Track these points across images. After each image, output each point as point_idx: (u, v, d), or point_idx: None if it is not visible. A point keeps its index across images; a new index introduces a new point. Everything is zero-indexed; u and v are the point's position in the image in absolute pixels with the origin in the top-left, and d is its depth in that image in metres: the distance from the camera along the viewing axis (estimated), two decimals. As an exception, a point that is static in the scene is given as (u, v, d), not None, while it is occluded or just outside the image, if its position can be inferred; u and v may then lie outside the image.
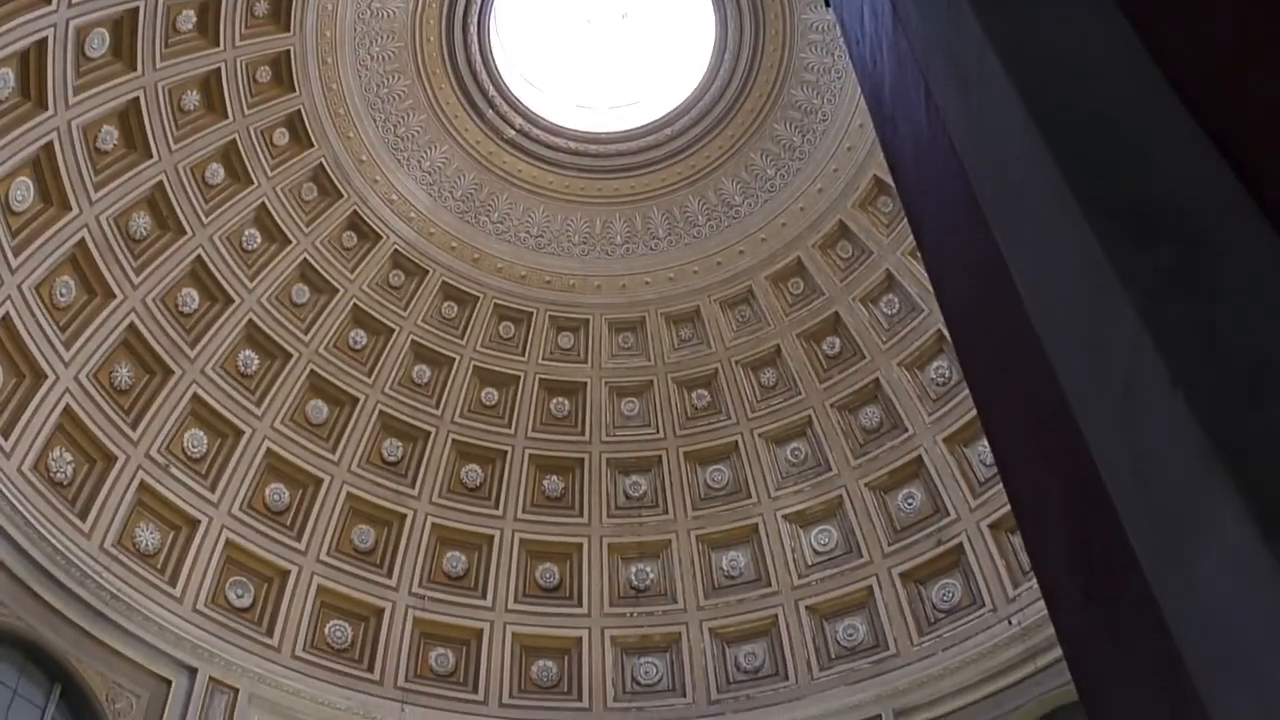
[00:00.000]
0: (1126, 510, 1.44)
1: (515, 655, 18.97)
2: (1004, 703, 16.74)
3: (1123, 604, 1.59)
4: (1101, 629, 1.78)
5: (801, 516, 19.61)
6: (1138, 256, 1.39)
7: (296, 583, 18.04)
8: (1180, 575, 1.31)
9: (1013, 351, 1.91)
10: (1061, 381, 1.61)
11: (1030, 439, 1.91)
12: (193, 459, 17.63)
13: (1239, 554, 1.18)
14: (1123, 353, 1.37)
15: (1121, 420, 1.40)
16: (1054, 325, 1.63)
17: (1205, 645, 1.33)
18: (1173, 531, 1.32)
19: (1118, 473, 1.45)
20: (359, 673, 18.00)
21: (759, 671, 18.79)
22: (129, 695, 15.64)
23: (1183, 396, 1.26)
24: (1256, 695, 1.26)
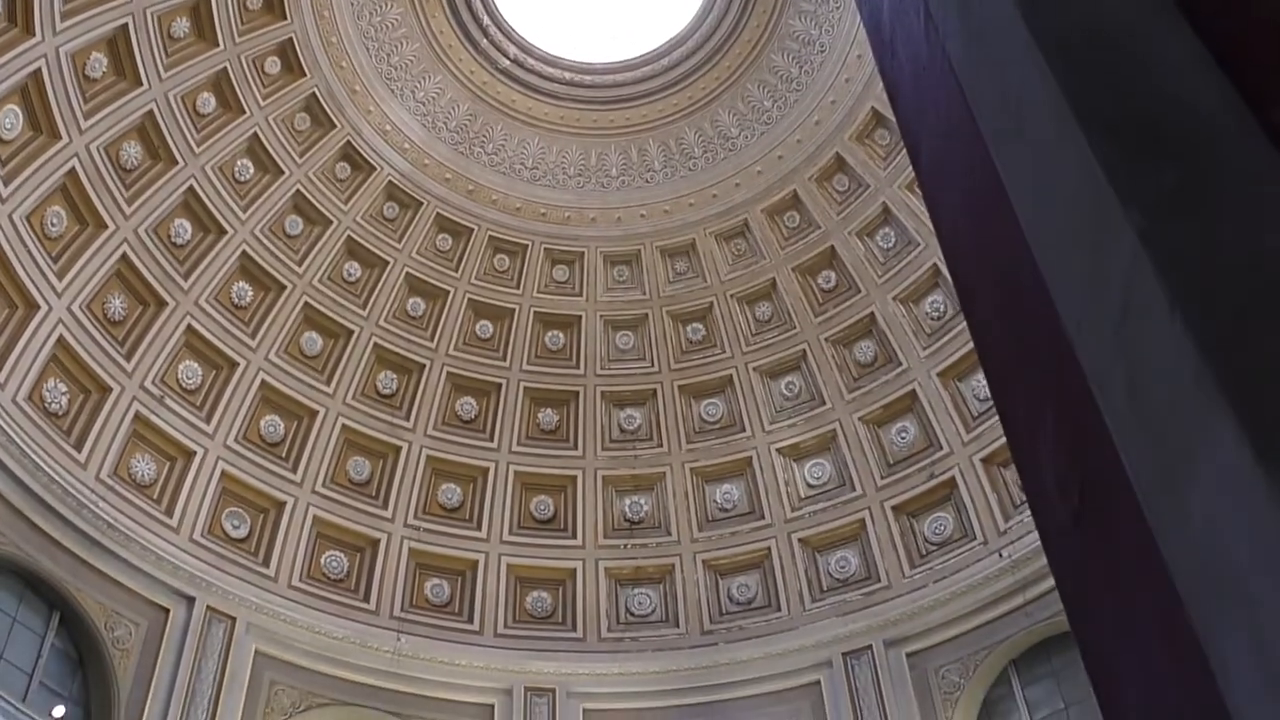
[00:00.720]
0: (1121, 435, 1.43)
1: (510, 586, 19.15)
2: (994, 634, 16.96)
3: (1114, 529, 1.58)
4: (1093, 555, 1.78)
5: (795, 450, 19.71)
6: (1138, 177, 1.36)
7: (292, 514, 18.15)
8: (1174, 500, 1.30)
9: (1009, 277, 1.89)
10: (1058, 306, 1.59)
11: (1026, 365, 1.89)
12: (187, 390, 17.64)
13: (1235, 478, 1.17)
14: (1120, 275, 1.35)
15: (1118, 343, 1.38)
16: (1051, 249, 1.61)
17: (1198, 570, 1.33)
18: (1168, 456, 1.31)
19: (1113, 397, 1.43)
20: (355, 603, 18.17)
21: (751, 603, 18.99)
22: (128, 623, 15.79)
23: (1181, 319, 1.24)
24: (1247, 619, 1.25)
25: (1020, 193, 1.69)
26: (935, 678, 17.20)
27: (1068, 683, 16.28)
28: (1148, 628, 1.50)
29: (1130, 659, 1.61)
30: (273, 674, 16.97)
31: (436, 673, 17.94)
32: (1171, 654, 1.41)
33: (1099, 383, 1.45)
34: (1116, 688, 1.73)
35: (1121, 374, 1.37)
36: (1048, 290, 1.60)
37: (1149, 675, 1.54)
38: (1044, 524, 2.11)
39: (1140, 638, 1.55)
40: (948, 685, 17.06)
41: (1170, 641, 1.42)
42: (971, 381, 18.35)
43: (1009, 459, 17.20)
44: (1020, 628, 16.69)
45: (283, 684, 16.99)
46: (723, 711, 18.17)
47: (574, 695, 18.24)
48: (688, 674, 18.38)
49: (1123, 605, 1.63)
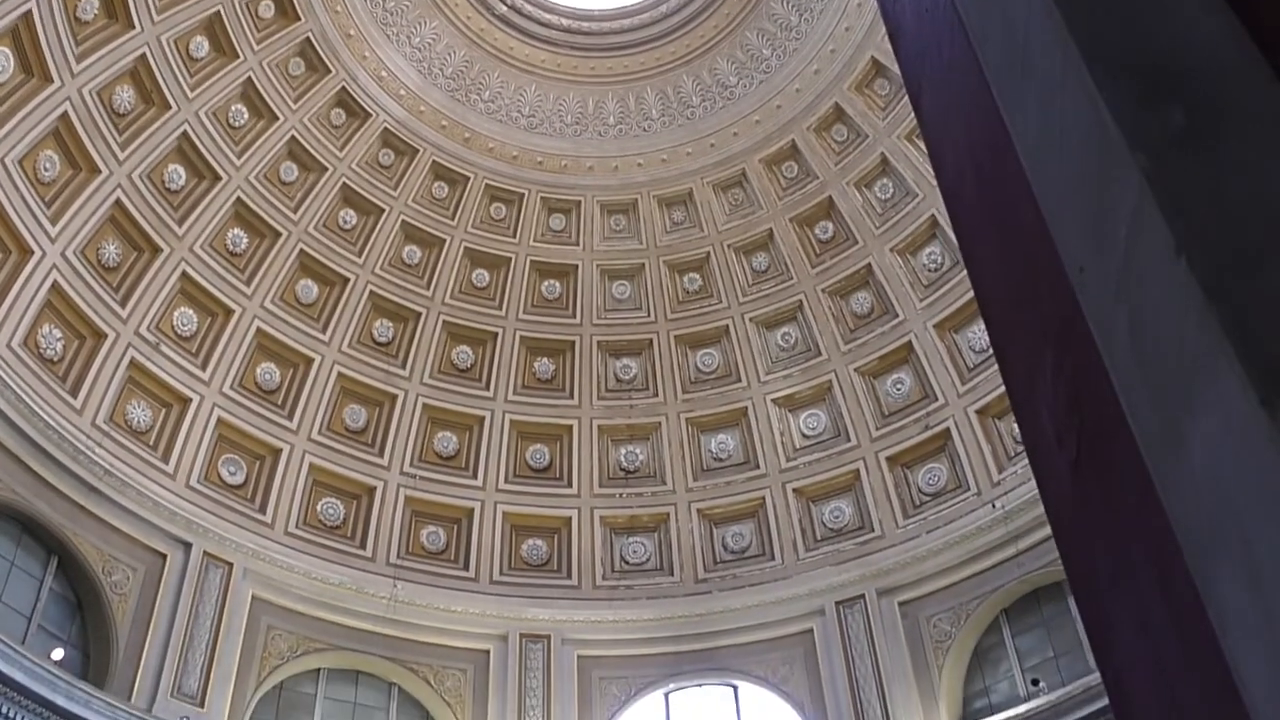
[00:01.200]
0: (1122, 380, 1.42)
1: (505, 534, 19.25)
2: (985, 583, 17.09)
3: (1113, 476, 1.58)
4: (1090, 502, 1.78)
5: (790, 400, 19.74)
6: (1146, 118, 1.34)
7: (288, 461, 18.19)
8: (1174, 444, 1.30)
9: (1010, 222, 1.87)
10: (1060, 250, 1.58)
11: (1025, 311, 1.88)
12: (183, 337, 17.61)
13: (1237, 421, 1.16)
14: (1125, 217, 1.34)
15: (1121, 286, 1.37)
16: (1055, 191, 1.59)
17: (1196, 515, 1.32)
18: (1169, 400, 1.30)
19: (1114, 341, 1.42)
20: (351, 549, 18.26)
21: (746, 551, 19.11)
22: (125, 568, 15.87)
23: (1185, 261, 1.23)
24: (1245, 560, 1.25)
25: (1024, 134, 1.67)
26: (927, 626, 17.35)
27: (1058, 632, 16.44)
28: (1143, 571, 1.50)
29: (1125, 603, 1.61)
30: (269, 619, 17.09)
31: (432, 619, 18.07)
32: (1167, 596, 1.41)
33: (1100, 327, 1.44)
34: (1110, 632, 1.74)
35: (1124, 317, 1.36)
36: (1050, 234, 1.59)
37: (1143, 618, 1.54)
38: (1041, 472, 2.11)
39: (1135, 581, 1.55)
40: (939, 634, 17.22)
41: (1166, 584, 1.42)
42: (968, 333, 18.36)
43: (1004, 411, 17.32)
44: (1012, 578, 16.82)
45: (279, 629, 17.12)
46: (716, 658, 18.34)
47: (569, 642, 18.40)
48: (682, 621, 18.53)
49: (1119, 550, 1.63)
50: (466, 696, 17.75)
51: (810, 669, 17.78)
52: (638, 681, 18.39)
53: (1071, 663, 15.86)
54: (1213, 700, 1.32)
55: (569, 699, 17.88)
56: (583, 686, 18.16)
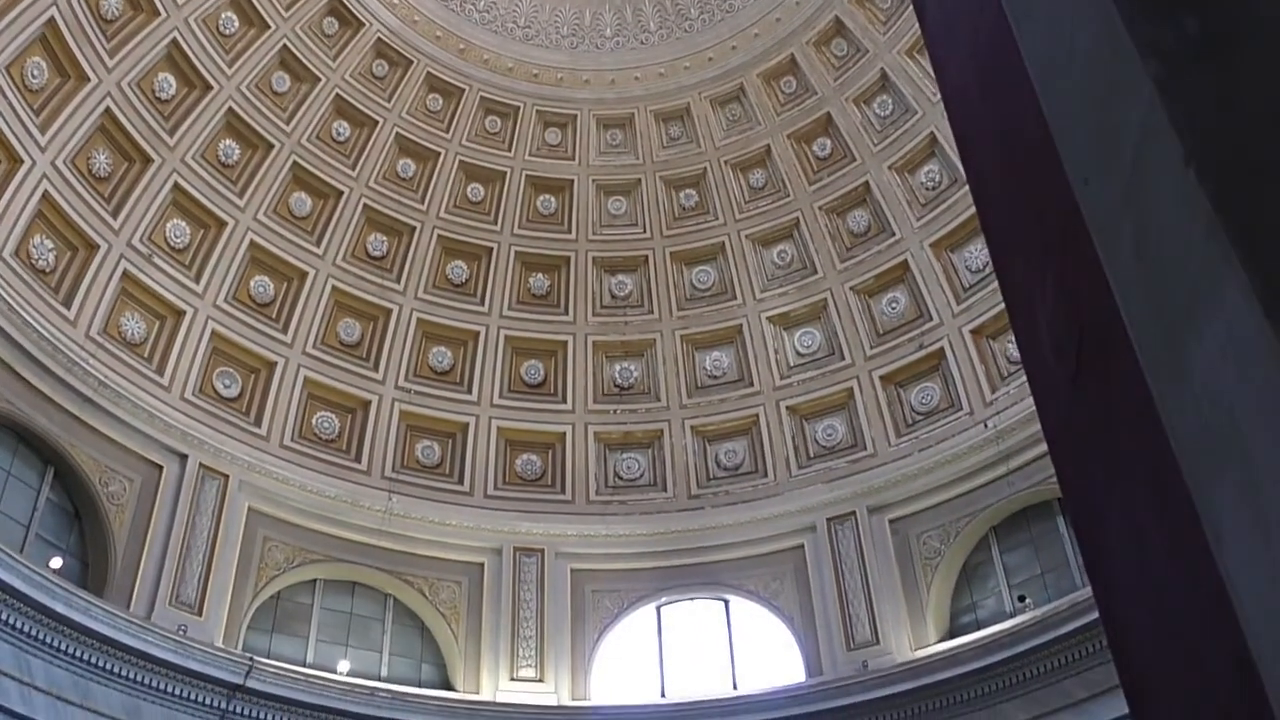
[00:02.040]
0: (1124, 293, 1.41)
1: (500, 449, 19.35)
2: (975, 502, 17.26)
3: (1111, 389, 1.57)
4: (1087, 416, 1.77)
5: (785, 318, 19.74)
6: (1159, 27, 1.31)
7: (283, 374, 18.21)
8: (1176, 357, 1.29)
9: (1014, 133, 1.84)
10: (1065, 162, 1.56)
11: (1027, 225, 1.86)
12: (176, 249, 17.51)
13: (1240, 335, 1.15)
14: (1135, 128, 1.32)
15: (1127, 198, 1.35)
16: (1062, 101, 1.57)
17: (1195, 430, 1.32)
18: (1172, 313, 1.29)
19: (1118, 254, 1.41)
20: (346, 463, 18.36)
21: (739, 468, 19.24)
22: (122, 479, 15.96)
23: (1195, 172, 1.21)
24: (1243, 478, 1.25)
25: (1032, 43, 1.64)
26: (917, 543, 17.56)
27: (1045, 550, 16.65)
28: (1140, 487, 1.50)
29: (1119, 518, 1.62)
30: (266, 531, 17.24)
31: (427, 532, 18.24)
32: (1162, 512, 1.41)
33: (1104, 240, 1.42)
34: (1103, 549, 1.75)
35: (1129, 230, 1.34)
36: (1054, 145, 1.56)
37: (1138, 534, 1.55)
38: (1039, 388, 2.11)
39: (1131, 497, 1.56)
40: (928, 551, 17.43)
41: (1162, 500, 1.42)
42: (964, 253, 18.31)
43: (998, 331, 17.32)
44: (1001, 496, 16.99)
45: (276, 540, 17.28)
46: (708, 573, 18.57)
47: (562, 555, 18.61)
48: (674, 536, 18.73)
49: (1115, 466, 1.63)
50: (461, 608, 17.98)
51: (800, 584, 18.01)
52: (630, 595, 18.64)
53: (1058, 579, 16.09)
54: (1205, 615, 1.33)
55: (562, 612, 18.13)
56: (576, 600, 18.40)
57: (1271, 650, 1.16)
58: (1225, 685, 1.30)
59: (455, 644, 17.69)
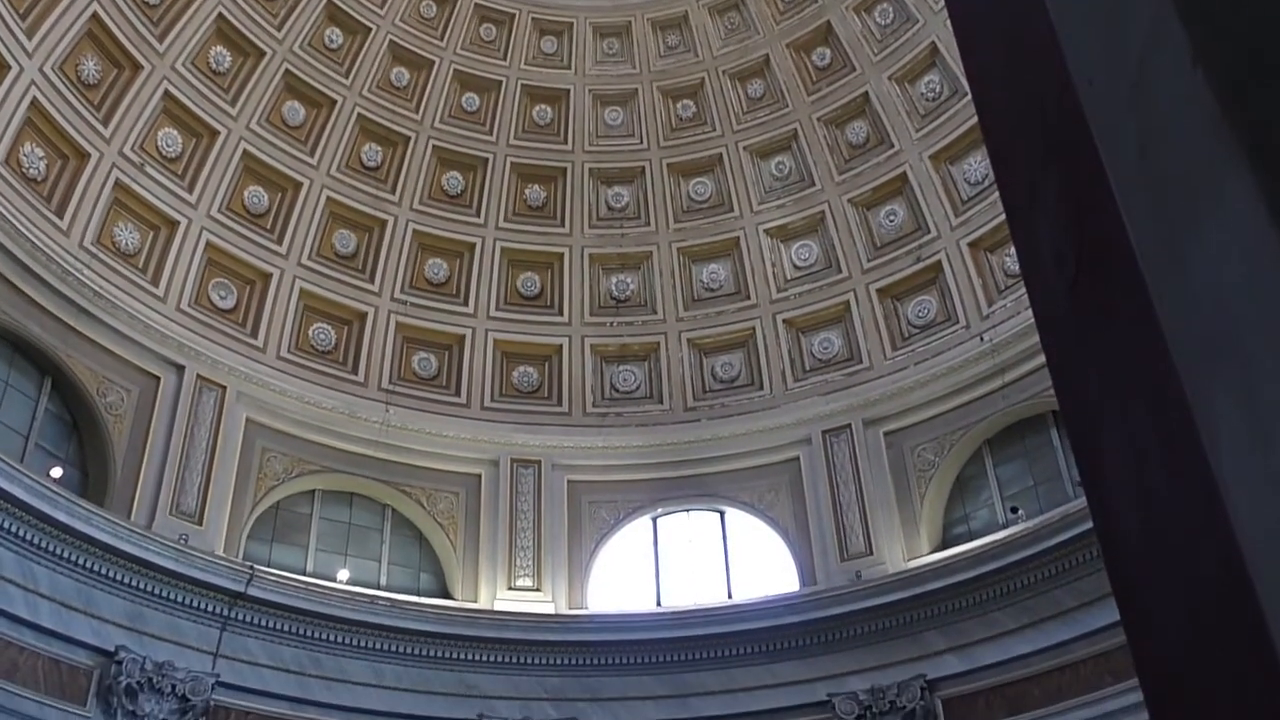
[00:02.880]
0: (1126, 195, 1.39)
1: (496, 361, 19.38)
2: (970, 414, 17.35)
3: (1111, 297, 1.56)
4: (1085, 326, 1.76)
5: (783, 231, 19.64)
6: (1169, -82, 1.27)
7: (279, 286, 18.15)
8: (1178, 260, 1.27)
9: (1018, 34, 1.80)
10: (1069, 62, 1.52)
11: (1028, 129, 1.83)
12: (168, 158, 17.33)
13: (1244, 236, 1.13)
14: (1143, 25, 1.28)
15: (1131, 99, 1.33)
16: (1069, 3, 1.53)
17: (1195, 335, 1.31)
18: (1175, 216, 1.27)
19: (1121, 156, 1.38)
20: (344, 374, 18.40)
21: (735, 381, 19.30)
22: (119, 390, 16.00)
23: (1203, 71, 1.18)
24: (1241, 381, 1.24)
25: (1038, -60, 1.60)
26: (911, 456, 17.68)
27: (1038, 462, 16.78)
28: (1137, 395, 1.50)
29: (1115, 427, 1.62)
30: (264, 441, 17.33)
31: (424, 443, 18.34)
32: (1159, 420, 1.41)
33: (1107, 141, 1.40)
34: (1099, 457, 1.75)
35: (1133, 131, 1.32)
36: (1059, 45, 1.53)
37: (1134, 442, 1.54)
38: (1037, 295, 2.10)
39: (1128, 405, 1.55)
40: (923, 463, 17.56)
41: (1158, 408, 1.42)
42: (964, 165, 18.17)
43: (996, 244, 17.27)
44: (996, 409, 17.07)
45: (274, 451, 17.38)
46: (704, 484, 18.73)
47: (559, 467, 18.73)
48: (671, 448, 18.84)
49: (1113, 373, 1.62)
50: (459, 519, 18.16)
51: (795, 496, 18.17)
52: (626, 506, 18.80)
53: (1050, 491, 16.25)
54: (1198, 519, 1.33)
55: (559, 522, 18.30)
56: (573, 510, 18.57)
57: (1262, 553, 1.16)
58: (1214, 588, 1.30)
59: (453, 554, 17.89)
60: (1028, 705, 14.89)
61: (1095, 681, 14.04)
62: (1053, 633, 14.88)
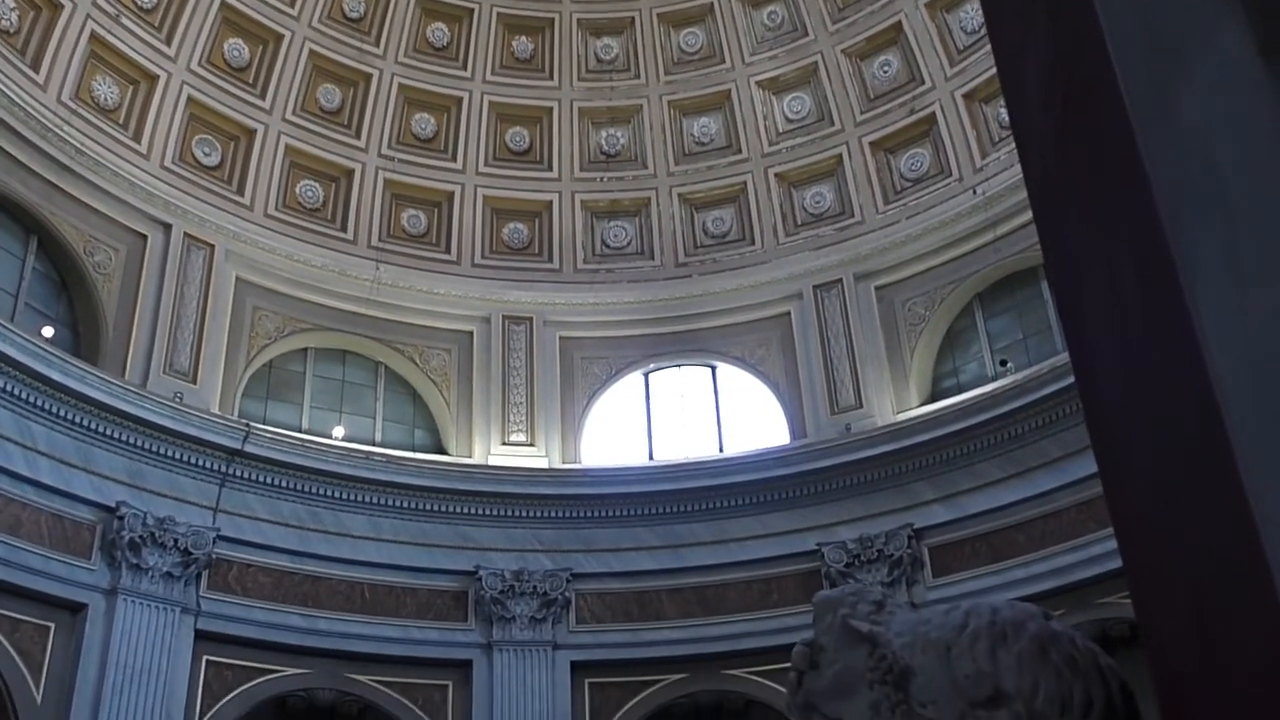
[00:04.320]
0: (1115, 35, 1.36)
1: (486, 217, 19.24)
2: (961, 268, 17.35)
3: (1096, 138, 1.54)
4: (1070, 168, 1.74)
5: (775, 83, 19.28)
6: None
7: (263, 142, 17.88)
8: (1164, 99, 1.25)
9: None
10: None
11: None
12: (143, 9, 16.84)
13: (1232, 71, 1.11)
14: None
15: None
16: None
17: (1179, 177, 1.30)
18: (1163, 53, 1.25)
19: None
20: (332, 232, 18.28)
21: (726, 236, 19.21)
22: (106, 249, 15.90)
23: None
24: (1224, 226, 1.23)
25: None
26: (902, 310, 17.74)
27: (1028, 315, 16.86)
28: (1118, 237, 1.49)
29: (1097, 274, 1.61)
30: (255, 300, 17.31)
31: (416, 301, 18.34)
32: (1138, 260, 1.40)
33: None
34: (1081, 306, 1.75)
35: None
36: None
37: (1116, 291, 1.54)
38: (1024, 141, 2.07)
39: (1110, 252, 1.54)
40: (913, 317, 17.62)
41: (1140, 254, 1.41)
42: (960, 13, 17.75)
43: (991, 95, 17.02)
44: (987, 263, 17.07)
45: (265, 309, 17.38)
46: (695, 340, 18.81)
47: (550, 324, 18.77)
48: (662, 304, 18.86)
49: (1095, 216, 1.61)
50: (452, 375, 18.27)
51: (786, 350, 18.27)
52: (618, 362, 18.91)
53: (1039, 344, 16.36)
54: (1176, 363, 1.33)
55: (551, 379, 18.43)
56: (565, 366, 18.68)
57: (1238, 395, 1.17)
58: (1191, 431, 1.32)
59: (447, 410, 18.05)
60: (1013, 552, 15.26)
61: (1078, 528, 14.36)
62: (1038, 482, 15.15)
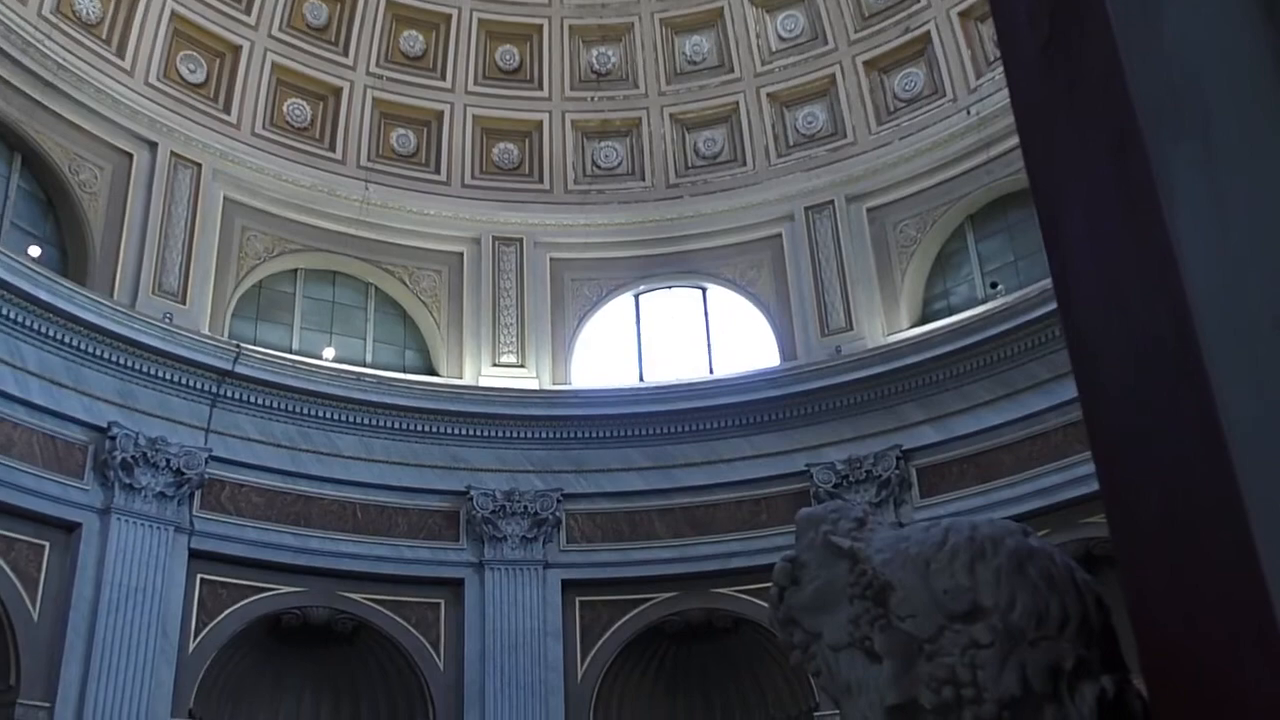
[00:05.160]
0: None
1: (476, 137, 19.06)
2: (954, 190, 17.29)
3: (1081, 55, 1.53)
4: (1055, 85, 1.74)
5: (768, 1, 19.01)
6: None
7: (249, 59, 17.63)
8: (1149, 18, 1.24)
9: None
10: None
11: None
12: (123, -78, 16.49)
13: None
14: None
15: None
16: None
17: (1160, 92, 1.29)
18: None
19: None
20: (321, 151, 18.11)
21: (718, 157, 19.08)
22: (92, 167, 15.75)
23: None
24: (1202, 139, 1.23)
25: None
26: (893, 232, 17.70)
27: (1020, 237, 16.83)
28: (1100, 154, 1.49)
29: (1079, 186, 1.61)
30: (243, 220, 17.20)
31: (405, 221, 18.24)
32: (1120, 178, 1.40)
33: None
34: (1062, 216, 1.75)
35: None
36: None
37: (1095, 200, 1.54)
38: (1011, 57, 2.06)
39: (1091, 164, 1.54)
40: (904, 239, 17.59)
41: (1122, 169, 1.41)
42: (957, -71, 17.46)
43: (987, 13, 16.76)
44: (980, 184, 17.00)
45: (254, 230, 17.28)
46: (686, 261, 18.77)
47: (541, 245, 18.70)
48: (653, 225, 18.79)
49: (1079, 134, 1.61)
50: (442, 296, 18.23)
51: (777, 272, 18.25)
52: (609, 283, 18.88)
53: (1030, 266, 16.35)
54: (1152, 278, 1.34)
55: (542, 300, 18.40)
56: (555, 288, 18.64)
57: (1211, 308, 1.18)
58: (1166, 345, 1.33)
59: (437, 331, 18.05)
60: (1000, 473, 15.40)
61: (1065, 449, 14.49)
62: (1026, 404, 15.25)
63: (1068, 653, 1.99)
